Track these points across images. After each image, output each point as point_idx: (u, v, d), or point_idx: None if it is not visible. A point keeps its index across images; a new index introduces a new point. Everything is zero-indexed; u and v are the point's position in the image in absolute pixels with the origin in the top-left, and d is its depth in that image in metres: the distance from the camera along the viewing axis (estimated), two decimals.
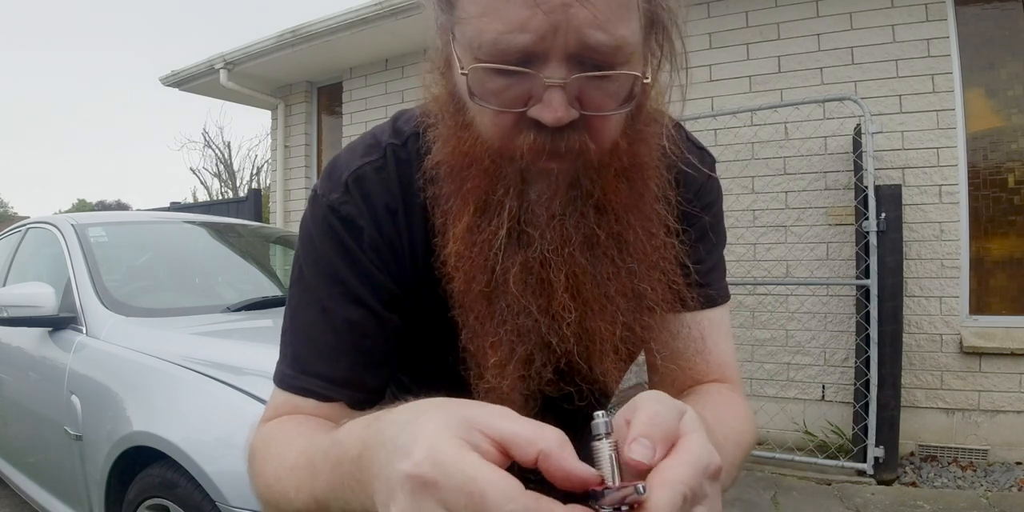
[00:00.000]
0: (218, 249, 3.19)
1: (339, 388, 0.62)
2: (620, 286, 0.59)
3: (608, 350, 0.59)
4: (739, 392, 0.69)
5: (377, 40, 5.16)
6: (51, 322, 2.30)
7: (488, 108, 0.52)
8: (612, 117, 0.54)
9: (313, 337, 0.63)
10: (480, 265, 0.58)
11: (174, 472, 1.63)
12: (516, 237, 0.57)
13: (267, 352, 1.87)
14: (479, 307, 0.59)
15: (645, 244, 0.60)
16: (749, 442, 0.63)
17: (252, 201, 7.12)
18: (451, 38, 0.54)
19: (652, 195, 0.61)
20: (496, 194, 0.56)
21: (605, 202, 0.57)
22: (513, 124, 0.53)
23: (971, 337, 3.48)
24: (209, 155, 23.37)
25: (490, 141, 0.55)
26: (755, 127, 3.91)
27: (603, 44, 0.48)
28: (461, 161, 0.57)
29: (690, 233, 0.68)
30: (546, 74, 0.49)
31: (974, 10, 3.66)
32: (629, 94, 0.52)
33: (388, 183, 0.64)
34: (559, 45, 0.48)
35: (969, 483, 3.21)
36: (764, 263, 3.93)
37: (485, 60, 0.49)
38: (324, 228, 0.63)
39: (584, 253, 0.57)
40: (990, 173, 3.65)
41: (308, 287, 0.64)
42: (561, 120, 0.50)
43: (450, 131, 0.58)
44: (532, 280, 0.57)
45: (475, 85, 0.51)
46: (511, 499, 0.31)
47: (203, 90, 6.70)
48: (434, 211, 0.61)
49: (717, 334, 0.71)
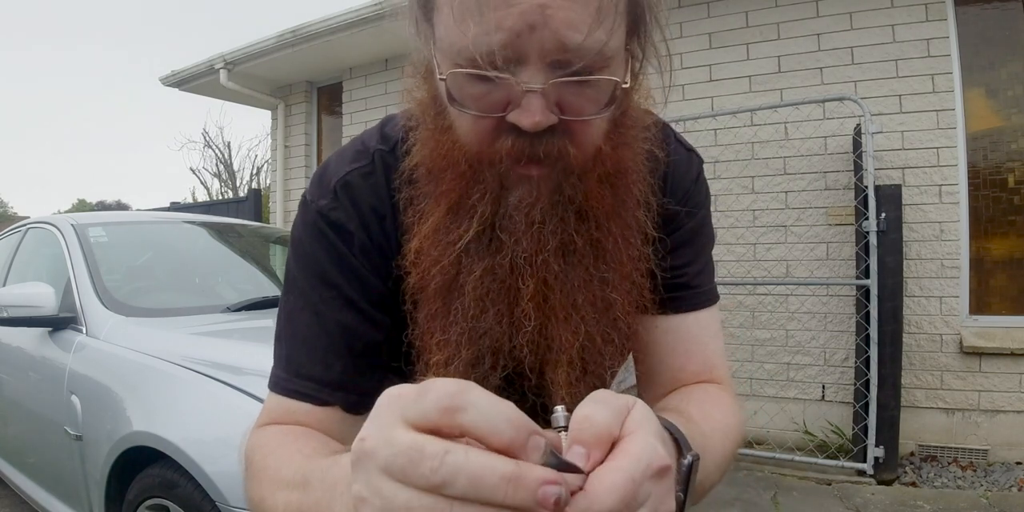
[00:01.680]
0: (218, 249, 3.19)
1: (333, 391, 0.62)
2: (590, 295, 0.58)
3: (563, 360, 0.59)
4: (728, 392, 0.69)
5: (377, 40, 5.16)
6: (51, 322, 2.30)
7: (467, 113, 0.52)
8: (593, 122, 0.53)
9: (306, 340, 0.64)
10: (440, 264, 0.58)
11: (174, 472, 1.63)
12: (487, 242, 0.57)
13: (267, 352, 1.87)
14: (432, 305, 0.59)
15: (622, 252, 0.59)
16: (737, 436, 0.63)
17: (252, 201, 7.12)
18: (431, 44, 0.54)
19: (634, 201, 0.61)
20: (471, 198, 0.56)
21: (587, 208, 0.57)
22: (492, 129, 0.53)
23: (971, 337, 3.48)
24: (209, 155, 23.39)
25: (468, 145, 0.55)
26: (755, 127, 3.90)
27: (581, 46, 0.47)
28: (439, 164, 0.57)
29: (677, 236, 0.68)
30: (524, 79, 0.48)
31: (974, 10, 3.66)
32: (610, 98, 0.52)
33: (376, 189, 0.64)
34: (535, 46, 0.47)
35: (969, 483, 3.21)
36: (764, 263, 3.92)
37: (463, 65, 0.49)
38: (314, 233, 0.64)
39: (558, 259, 0.57)
40: (990, 173, 3.65)
41: (300, 291, 0.65)
42: (539, 124, 0.50)
43: (429, 134, 0.58)
44: (495, 285, 0.57)
45: (454, 90, 0.51)
46: (448, 450, 0.30)
47: (203, 90, 6.70)
48: (406, 211, 0.62)
49: (705, 336, 0.71)
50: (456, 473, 0.29)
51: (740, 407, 0.68)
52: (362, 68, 5.74)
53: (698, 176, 0.72)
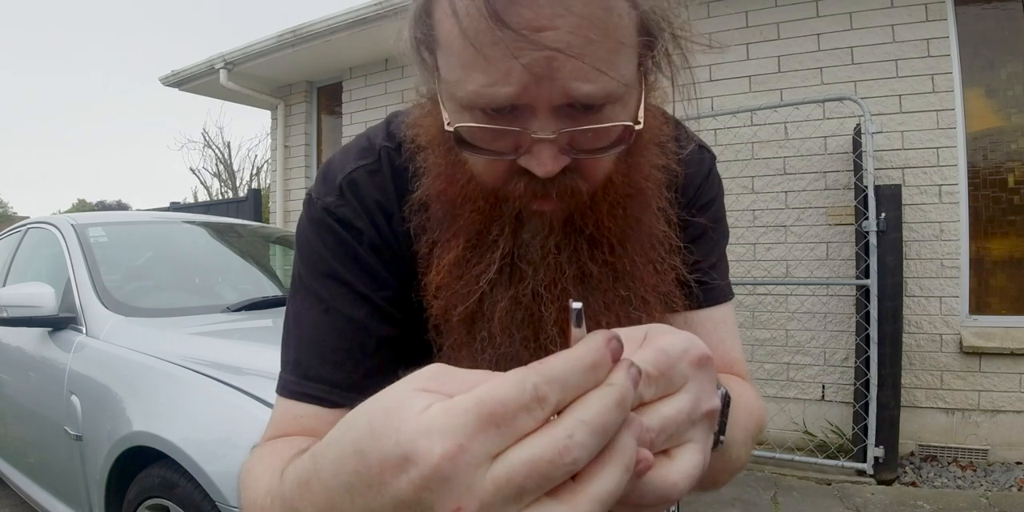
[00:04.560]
0: (218, 249, 3.19)
1: (343, 392, 0.60)
2: (613, 317, 0.58)
3: None
4: (750, 385, 0.69)
5: (377, 40, 5.15)
6: (51, 322, 2.30)
7: (478, 157, 0.52)
8: (604, 158, 0.53)
9: (316, 340, 0.62)
10: (463, 296, 0.57)
11: (174, 472, 1.63)
12: (508, 272, 0.57)
13: (267, 352, 1.88)
14: (456, 334, 0.59)
15: (641, 271, 0.59)
16: (759, 419, 0.62)
17: (252, 201, 7.12)
18: (435, 77, 0.53)
19: (652, 216, 0.61)
20: (491, 233, 0.56)
21: (598, 235, 0.57)
22: (505, 170, 0.52)
23: (971, 337, 3.48)
24: (209, 155, 23.42)
25: (483, 183, 0.55)
26: (755, 127, 3.91)
27: (589, 96, 0.47)
28: (455, 199, 0.57)
29: (690, 232, 0.67)
30: (534, 128, 0.48)
31: (974, 10, 3.66)
32: (620, 136, 0.51)
33: (383, 186, 0.64)
34: (544, 97, 0.46)
35: (969, 483, 3.21)
36: (764, 263, 3.93)
37: (470, 110, 0.49)
38: (321, 230, 0.63)
39: (577, 288, 0.57)
40: (990, 173, 3.65)
41: (308, 290, 0.63)
42: (551, 173, 0.49)
43: (441, 168, 0.57)
44: (520, 313, 0.57)
45: (464, 134, 0.51)
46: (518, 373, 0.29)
47: (203, 90, 6.70)
48: (418, 239, 0.61)
49: (723, 331, 0.70)
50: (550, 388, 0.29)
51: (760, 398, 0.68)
52: (362, 68, 5.74)
53: (709, 172, 0.71)
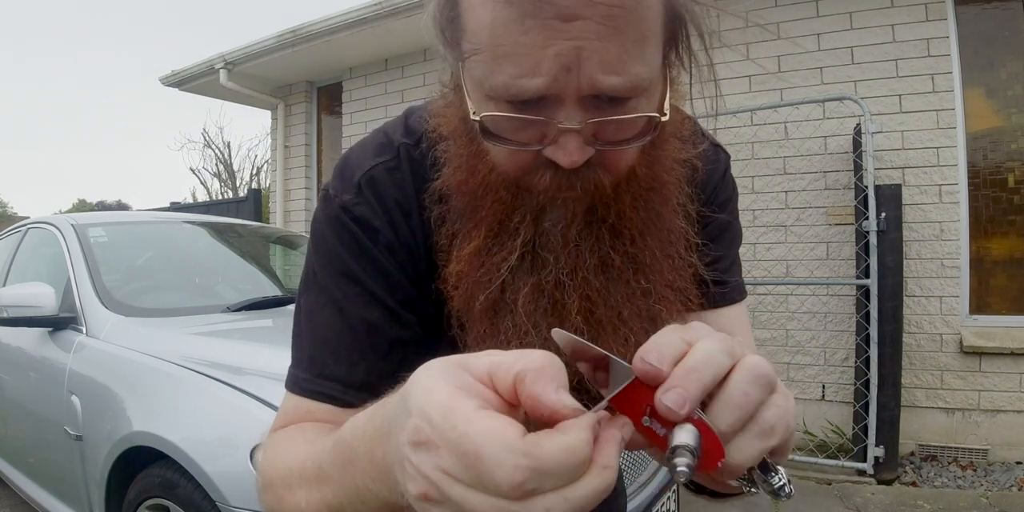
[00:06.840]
0: (218, 249, 3.19)
1: (357, 392, 0.59)
2: (635, 307, 0.58)
3: None
4: None
5: (377, 40, 5.16)
6: (51, 322, 2.30)
7: (502, 147, 0.52)
8: (628, 150, 0.53)
9: (329, 339, 0.61)
10: (484, 285, 0.57)
11: (174, 472, 1.63)
12: (530, 260, 0.57)
13: (267, 352, 1.88)
14: (480, 326, 0.59)
15: (661, 264, 0.59)
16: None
17: (252, 201, 7.11)
18: (460, 65, 0.52)
19: (671, 211, 0.61)
20: (512, 221, 0.56)
21: (620, 226, 0.57)
22: (529, 161, 0.52)
23: (971, 337, 3.48)
24: (209, 155, 23.38)
25: (506, 173, 0.55)
26: (755, 127, 3.91)
27: (617, 88, 0.47)
28: (476, 189, 0.56)
29: (706, 231, 0.67)
30: (560, 118, 0.48)
31: (974, 10, 3.66)
32: (645, 127, 0.51)
33: (402, 184, 0.63)
34: (572, 87, 0.46)
35: (969, 483, 3.21)
36: (764, 263, 3.93)
37: (497, 100, 0.49)
38: (337, 228, 0.62)
39: (598, 276, 0.57)
40: (990, 173, 3.65)
41: (322, 288, 0.62)
42: (577, 163, 0.50)
43: (463, 158, 0.57)
44: (544, 301, 0.57)
45: (489, 125, 0.51)
46: (510, 449, 0.30)
47: (203, 90, 6.70)
48: (439, 230, 0.61)
49: (737, 330, 0.70)
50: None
51: None
52: (362, 68, 5.74)
53: (725, 172, 0.71)
